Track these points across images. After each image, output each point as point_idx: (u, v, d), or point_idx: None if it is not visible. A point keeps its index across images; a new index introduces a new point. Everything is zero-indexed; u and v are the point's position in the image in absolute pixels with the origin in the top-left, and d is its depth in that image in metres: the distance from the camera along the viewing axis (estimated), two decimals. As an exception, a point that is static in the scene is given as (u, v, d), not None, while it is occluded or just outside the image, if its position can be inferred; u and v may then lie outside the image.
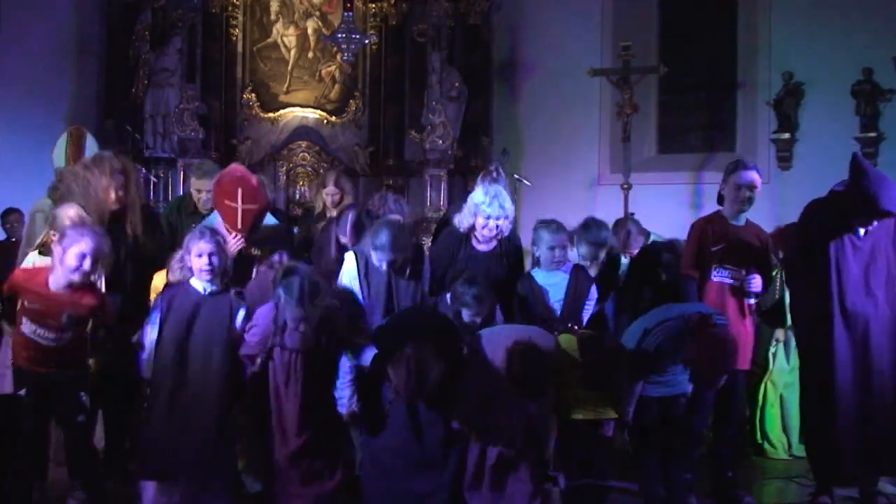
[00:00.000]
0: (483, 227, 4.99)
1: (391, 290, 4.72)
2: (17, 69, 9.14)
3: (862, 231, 4.60)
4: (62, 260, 4.29)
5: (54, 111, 9.38)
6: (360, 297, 4.70)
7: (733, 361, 4.50)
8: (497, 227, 4.98)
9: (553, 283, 4.83)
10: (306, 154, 9.87)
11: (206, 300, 4.40)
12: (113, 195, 4.92)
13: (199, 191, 5.82)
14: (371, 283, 4.72)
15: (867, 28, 8.86)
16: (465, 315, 4.57)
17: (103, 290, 4.60)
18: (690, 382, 4.50)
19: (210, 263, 4.38)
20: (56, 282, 4.33)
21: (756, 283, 4.83)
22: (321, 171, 9.69)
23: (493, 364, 4.23)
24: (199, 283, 4.42)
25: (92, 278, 4.42)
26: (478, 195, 5.05)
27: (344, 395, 4.34)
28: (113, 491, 4.61)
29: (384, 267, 4.66)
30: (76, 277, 4.29)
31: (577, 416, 4.35)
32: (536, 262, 4.95)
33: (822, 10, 9.10)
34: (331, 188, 6.29)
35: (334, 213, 5.94)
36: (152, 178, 9.05)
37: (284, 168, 9.80)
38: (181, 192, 8.75)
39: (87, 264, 4.28)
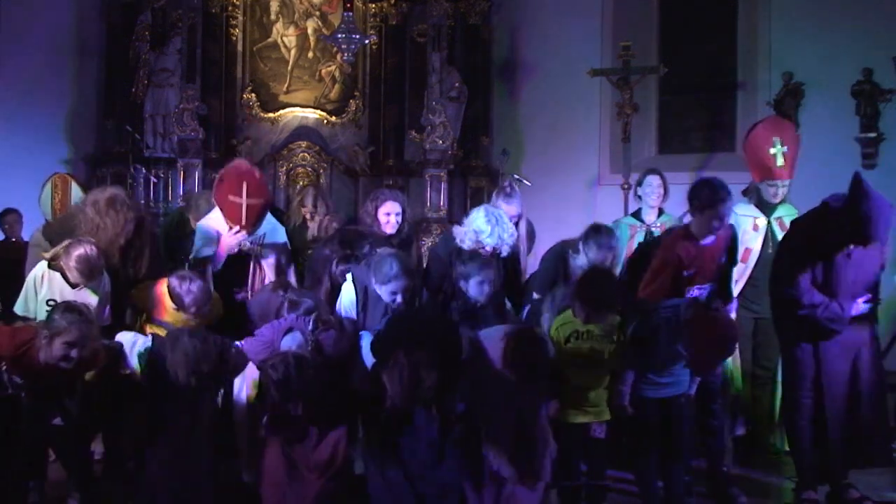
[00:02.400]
0: (482, 249, 5.02)
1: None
2: (17, 69, 9.15)
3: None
4: (49, 345, 4.12)
5: (54, 111, 9.41)
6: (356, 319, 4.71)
7: (733, 345, 4.49)
8: (496, 249, 5.03)
9: None
10: (306, 154, 9.86)
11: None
12: (123, 241, 4.79)
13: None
14: (369, 312, 4.73)
15: (867, 28, 8.84)
16: (472, 290, 4.67)
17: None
18: (692, 376, 4.48)
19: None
20: (45, 358, 4.16)
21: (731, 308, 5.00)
22: (321, 171, 9.74)
23: (493, 362, 4.15)
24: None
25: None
26: (479, 221, 4.98)
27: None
28: (112, 492, 4.60)
29: (398, 299, 4.61)
30: (63, 365, 4.14)
31: (573, 419, 4.35)
32: None
33: (822, 10, 9.09)
34: (309, 207, 6.22)
35: (312, 224, 5.99)
36: (152, 179, 9.06)
37: (284, 168, 9.79)
38: (180, 192, 8.79)
39: (73, 353, 4.12)
